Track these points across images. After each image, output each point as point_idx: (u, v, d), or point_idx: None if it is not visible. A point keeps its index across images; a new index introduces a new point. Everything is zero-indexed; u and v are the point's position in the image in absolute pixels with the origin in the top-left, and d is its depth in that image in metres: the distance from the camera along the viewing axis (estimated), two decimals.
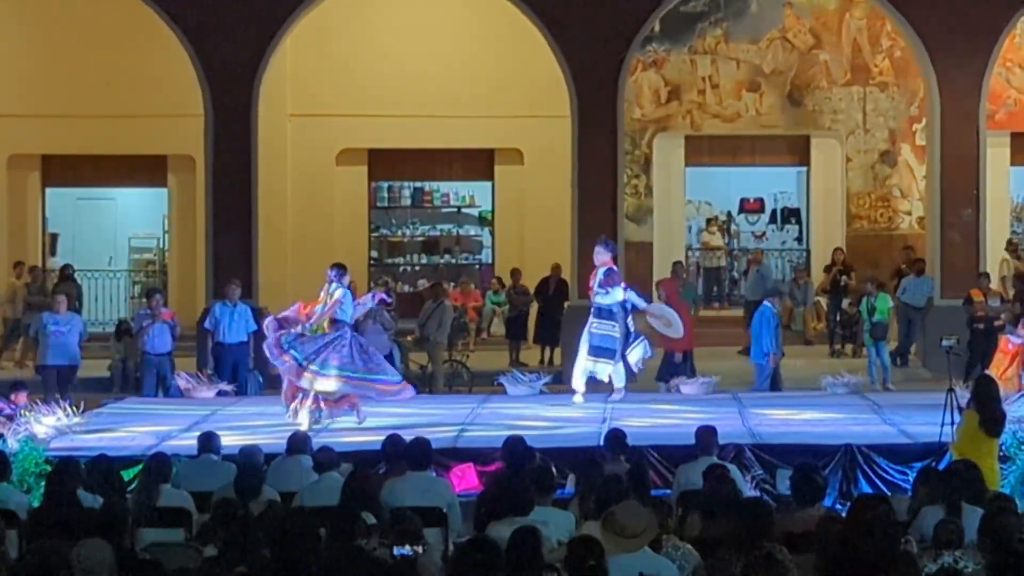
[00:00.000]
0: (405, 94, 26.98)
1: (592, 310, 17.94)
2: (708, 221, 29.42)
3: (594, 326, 17.76)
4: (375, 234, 29.09)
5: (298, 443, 12.81)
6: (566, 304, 23.58)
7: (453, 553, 9.10)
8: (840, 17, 28.01)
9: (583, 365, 17.97)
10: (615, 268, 18.21)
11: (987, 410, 12.45)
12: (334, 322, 16.36)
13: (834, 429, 15.94)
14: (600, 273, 17.84)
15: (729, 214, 29.98)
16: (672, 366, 20.31)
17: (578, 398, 18.02)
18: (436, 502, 11.04)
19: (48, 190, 28.58)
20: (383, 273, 28.91)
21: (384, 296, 17.84)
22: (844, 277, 26.08)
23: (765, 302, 20.09)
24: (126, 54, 26.67)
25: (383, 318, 20.69)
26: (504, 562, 7.71)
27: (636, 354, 17.87)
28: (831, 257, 26.93)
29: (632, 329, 17.89)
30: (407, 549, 8.66)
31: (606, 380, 18.04)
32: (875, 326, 21.77)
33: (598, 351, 17.75)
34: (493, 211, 28.82)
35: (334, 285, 16.48)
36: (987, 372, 17.46)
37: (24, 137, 27.26)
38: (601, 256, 17.85)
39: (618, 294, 17.70)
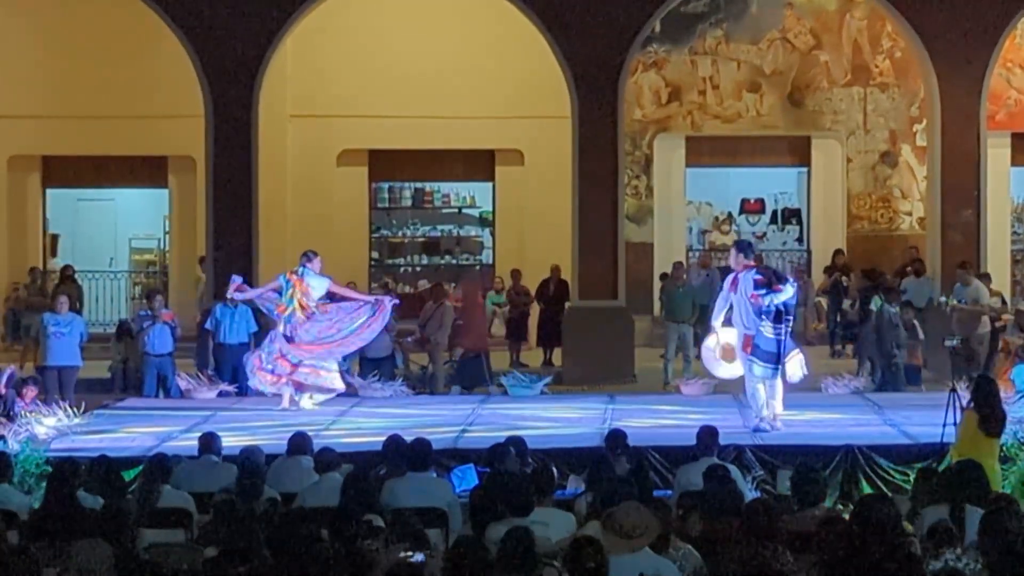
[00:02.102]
0: (406, 95, 26.98)
1: (755, 312, 15.68)
2: (716, 219, 29.46)
3: (767, 328, 15.64)
4: (376, 235, 29.09)
5: (299, 444, 12.81)
6: (567, 305, 23.58)
7: (445, 554, 9.11)
8: (840, 18, 28.00)
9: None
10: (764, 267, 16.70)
11: (987, 410, 12.43)
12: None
13: (835, 430, 15.93)
14: (751, 276, 15.83)
15: (730, 215, 29.98)
16: (473, 368, 20.46)
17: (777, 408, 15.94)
18: (436, 503, 11.05)
19: (49, 191, 28.57)
20: (384, 274, 28.92)
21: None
22: (845, 278, 26.09)
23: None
24: (127, 55, 26.67)
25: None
26: (492, 561, 7.72)
27: (793, 366, 16.03)
28: (831, 259, 26.94)
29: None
30: (418, 555, 8.64)
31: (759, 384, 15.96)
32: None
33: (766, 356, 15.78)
34: (494, 212, 28.82)
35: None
36: (988, 373, 17.47)
37: (25, 138, 27.26)
38: (743, 259, 15.98)
39: (789, 290, 15.88)
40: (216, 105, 23.02)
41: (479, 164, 28.57)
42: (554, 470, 11.98)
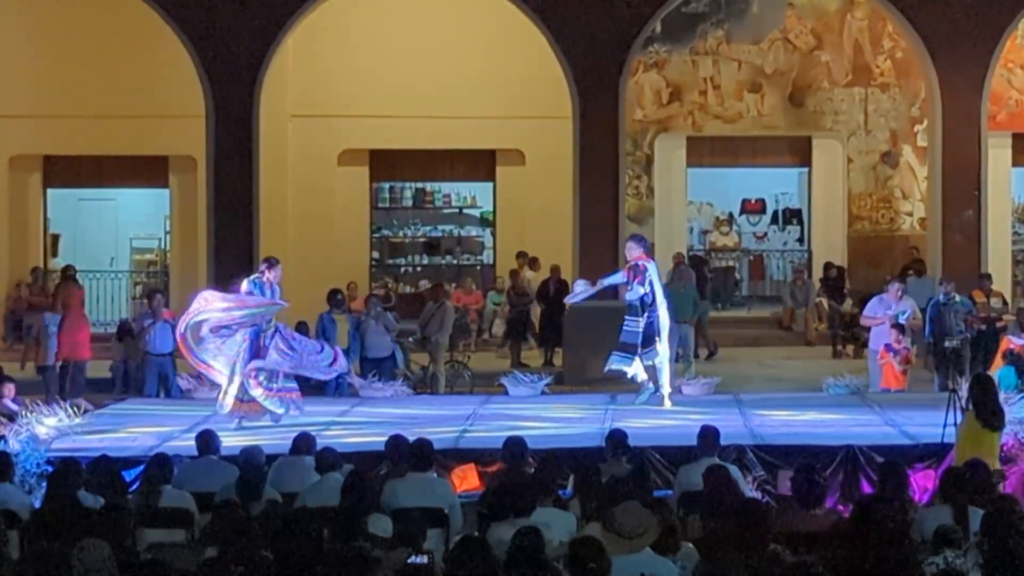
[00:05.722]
0: (406, 95, 26.99)
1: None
2: (717, 220, 29.45)
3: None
4: (376, 235, 29.10)
5: (303, 444, 12.80)
6: (567, 305, 23.56)
7: (446, 555, 9.10)
8: (841, 18, 28.03)
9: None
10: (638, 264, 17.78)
11: (984, 404, 12.45)
12: None
13: (835, 430, 15.90)
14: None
15: (731, 215, 30.00)
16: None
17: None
18: (437, 503, 11.04)
19: (50, 191, 28.59)
20: (384, 274, 28.93)
21: None
22: (845, 286, 26.18)
23: None
24: (128, 55, 26.68)
25: (385, 319, 20.71)
26: (495, 561, 7.72)
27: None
28: (823, 272, 26.98)
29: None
30: (419, 558, 8.64)
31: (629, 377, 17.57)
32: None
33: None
34: (494, 212, 28.83)
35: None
36: (986, 373, 17.45)
37: (26, 138, 27.27)
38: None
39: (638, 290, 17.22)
40: (217, 105, 23.04)
41: (480, 164, 28.58)
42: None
